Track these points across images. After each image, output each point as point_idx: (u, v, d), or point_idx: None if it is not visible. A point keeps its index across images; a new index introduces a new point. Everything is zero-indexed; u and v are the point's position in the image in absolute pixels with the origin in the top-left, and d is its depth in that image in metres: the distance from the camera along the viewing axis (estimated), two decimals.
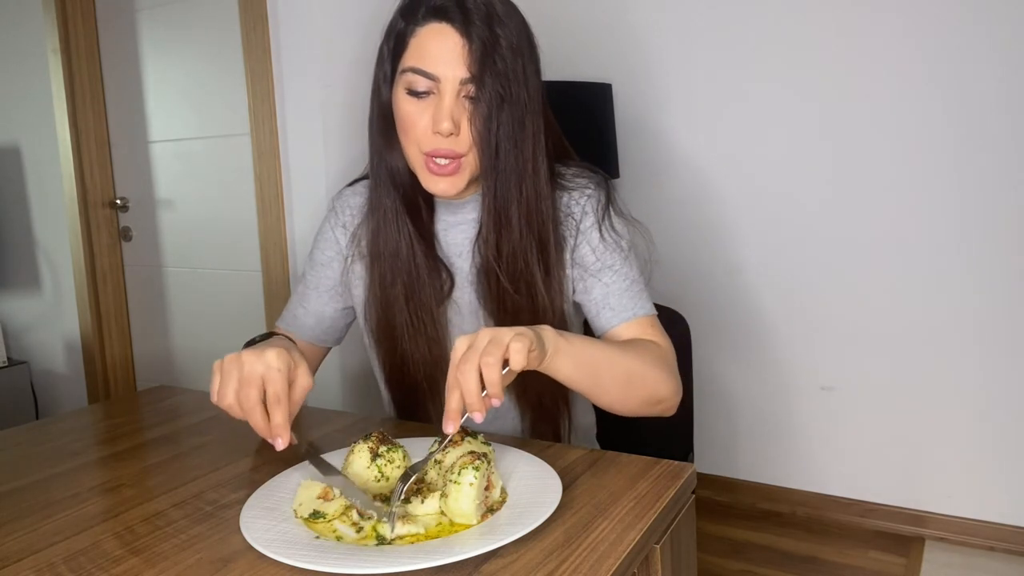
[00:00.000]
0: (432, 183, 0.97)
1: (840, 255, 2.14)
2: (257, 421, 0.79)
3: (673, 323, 1.34)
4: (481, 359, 0.72)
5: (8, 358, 2.66)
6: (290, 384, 0.83)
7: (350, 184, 1.17)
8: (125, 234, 2.47)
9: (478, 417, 0.72)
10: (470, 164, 0.97)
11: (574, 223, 1.04)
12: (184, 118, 2.28)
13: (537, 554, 0.65)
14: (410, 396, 1.11)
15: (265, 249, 2.05)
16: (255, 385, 0.80)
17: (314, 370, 1.16)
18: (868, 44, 2.03)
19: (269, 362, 0.81)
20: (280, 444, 0.79)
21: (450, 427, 0.73)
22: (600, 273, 1.02)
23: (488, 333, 0.75)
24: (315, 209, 1.95)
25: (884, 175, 2.06)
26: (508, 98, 0.94)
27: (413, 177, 1.02)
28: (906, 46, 1.99)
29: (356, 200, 1.13)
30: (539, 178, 0.99)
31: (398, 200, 1.03)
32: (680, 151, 2.31)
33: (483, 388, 0.73)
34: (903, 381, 2.11)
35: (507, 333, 0.75)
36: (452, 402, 0.73)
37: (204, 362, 2.34)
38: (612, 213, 1.05)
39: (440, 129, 0.93)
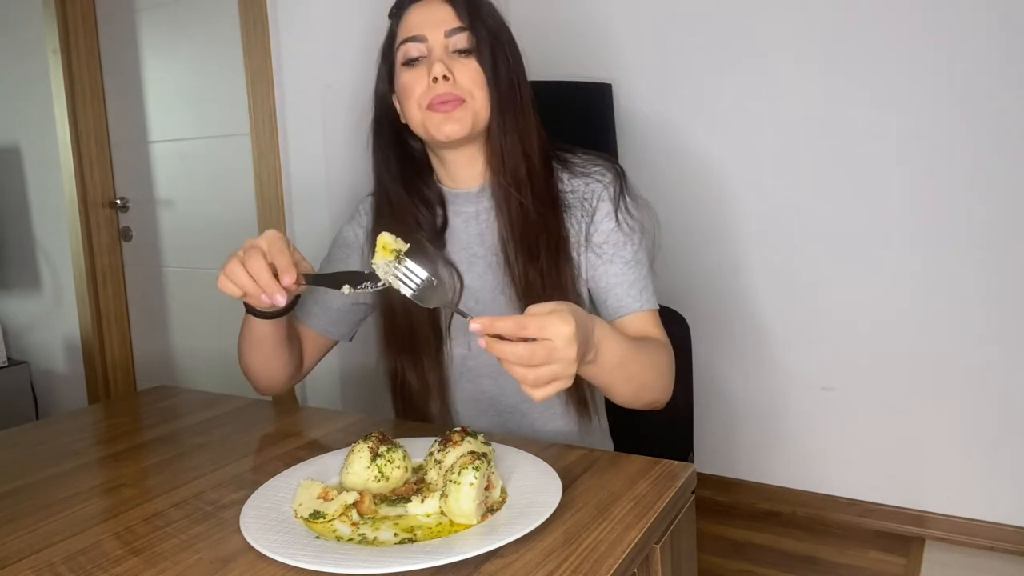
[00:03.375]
0: (438, 125, 0.99)
1: (841, 255, 2.14)
2: (263, 276, 0.83)
3: (673, 323, 1.34)
4: (537, 386, 0.72)
5: (8, 358, 2.66)
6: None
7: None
8: (125, 234, 2.47)
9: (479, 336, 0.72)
10: (472, 107, 1.00)
11: (589, 207, 1.05)
12: (184, 118, 2.28)
13: (537, 554, 0.65)
14: (415, 401, 1.11)
15: None
16: (257, 250, 0.84)
17: (313, 361, 1.16)
18: (870, 44, 2.03)
19: (266, 234, 0.86)
20: (287, 279, 0.83)
21: (475, 325, 0.72)
22: (614, 258, 1.04)
23: (572, 361, 0.72)
24: (315, 209, 1.94)
25: (886, 175, 2.06)
26: (501, 49, 1.00)
27: (420, 175, 1.04)
28: (907, 46, 1.99)
29: None
30: (537, 139, 1.04)
31: (403, 196, 1.05)
32: (680, 151, 2.31)
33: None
34: (903, 381, 2.11)
35: (572, 365, 0.73)
36: (500, 325, 0.71)
37: (204, 362, 2.34)
38: (627, 200, 1.07)
39: (435, 73, 0.97)
